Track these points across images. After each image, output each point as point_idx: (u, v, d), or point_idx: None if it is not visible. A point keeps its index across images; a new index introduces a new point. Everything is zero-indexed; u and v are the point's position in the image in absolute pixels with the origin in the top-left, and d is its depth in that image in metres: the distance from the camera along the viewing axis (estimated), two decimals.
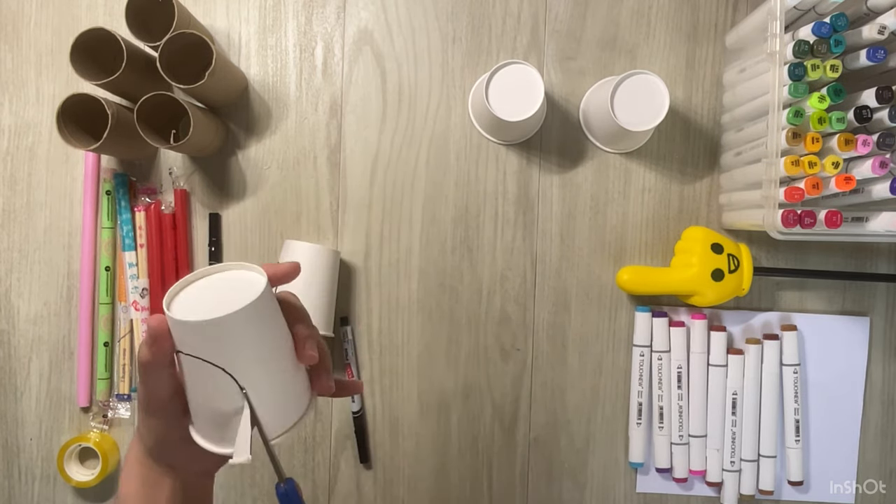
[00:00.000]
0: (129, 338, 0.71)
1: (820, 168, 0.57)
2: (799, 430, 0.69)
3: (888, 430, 0.72)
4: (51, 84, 0.71)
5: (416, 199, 0.71)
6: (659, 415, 0.70)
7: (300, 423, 0.42)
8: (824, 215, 0.58)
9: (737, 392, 0.69)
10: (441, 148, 0.71)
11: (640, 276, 0.68)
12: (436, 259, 0.71)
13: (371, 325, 0.72)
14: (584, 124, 0.71)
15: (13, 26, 0.71)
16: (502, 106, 0.63)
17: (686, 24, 0.71)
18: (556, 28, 0.71)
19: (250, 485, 0.71)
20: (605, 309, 0.71)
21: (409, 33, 0.71)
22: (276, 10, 0.72)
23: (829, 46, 0.56)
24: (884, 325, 0.71)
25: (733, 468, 0.69)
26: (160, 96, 0.62)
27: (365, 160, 0.71)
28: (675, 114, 0.71)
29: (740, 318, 0.71)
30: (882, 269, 0.71)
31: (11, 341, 0.72)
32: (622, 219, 0.71)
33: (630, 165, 0.71)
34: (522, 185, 0.71)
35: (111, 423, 0.72)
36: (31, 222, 0.72)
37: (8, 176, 0.72)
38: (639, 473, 0.72)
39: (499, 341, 0.71)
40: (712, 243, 0.66)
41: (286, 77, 0.72)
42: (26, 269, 0.72)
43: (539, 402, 0.71)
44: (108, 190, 0.70)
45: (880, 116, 0.57)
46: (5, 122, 0.71)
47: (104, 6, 0.71)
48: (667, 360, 0.70)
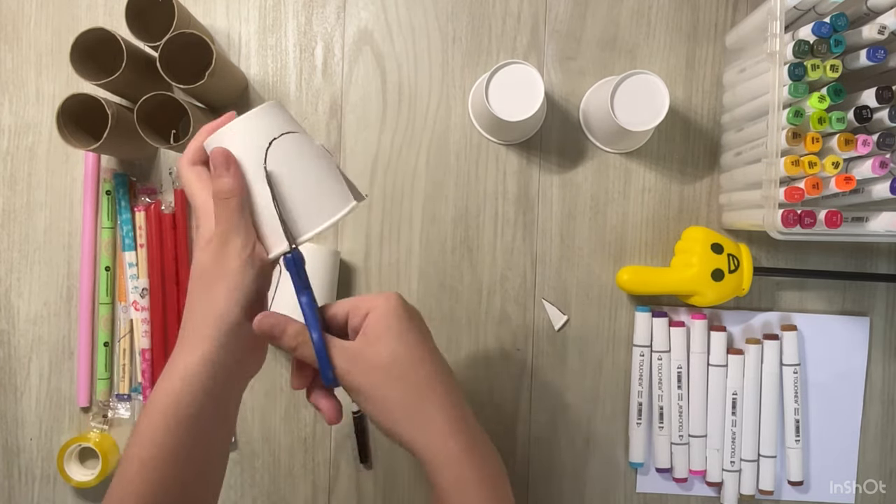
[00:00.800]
0: (129, 338, 0.71)
1: (820, 168, 0.57)
2: (799, 430, 0.69)
3: (888, 430, 0.72)
4: (51, 84, 0.71)
5: (416, 199, 0.71)
6: (659, 415, 0.70)
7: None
8: (824, 215, 0.58)
9: (737, 392, 0.69)
10: (441, 148, 0.71)
11: (640, 276, 0.68)
12: (436, 259, 0.71)
13: None
14: (584, 124, 0.71)
15: (13, 26, 0.72)
16: (502, 106, 0.63)
17: (686, 24, 0.71)
18: (556, 28, 0.71)
19: (250, 485, 0.71)
20: (605, 309, 0.71)
21: (409, 33, 0.71)
22: (276, 10, 0.72)
23: (829, 46, 0.56)
24: (884, 325, 0.71)
25: (733, 468, 0.69)
26: (160, 96, 0.62)
27: (365, 160, 0.71)
28: (675, 114, 0.71)
29: (740, 318, 0.71)
30: (882, 269, 0.71)
31: (11, 341, 0.72)
32: (622, 219, 0.71)
33: (630, 165, 0.71)
34: (522, 185, 0.71)
35: (111, 423, 0.72)
36: (31, 222, 0.72)
37: (8, 176, 0.72)
38: (639, 473, 0.72)
39: (499, 341, 0.71)
40: (712, 243, 0.66)
41: (286, 77, 0.72)
42: (26, 269, 0.72)
43: (539, 402, 0.71)
44: (108, 190, 0.70)
45: (880, 116, 0.57)
46: (5, 122, 0.71)
47: (104, 6, 0.71)
48: (667, 360, 0.70)
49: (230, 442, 0.46)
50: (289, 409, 0.71)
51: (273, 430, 0.71)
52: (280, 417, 0.71)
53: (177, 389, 0.42)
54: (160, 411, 0.42)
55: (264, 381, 0.71)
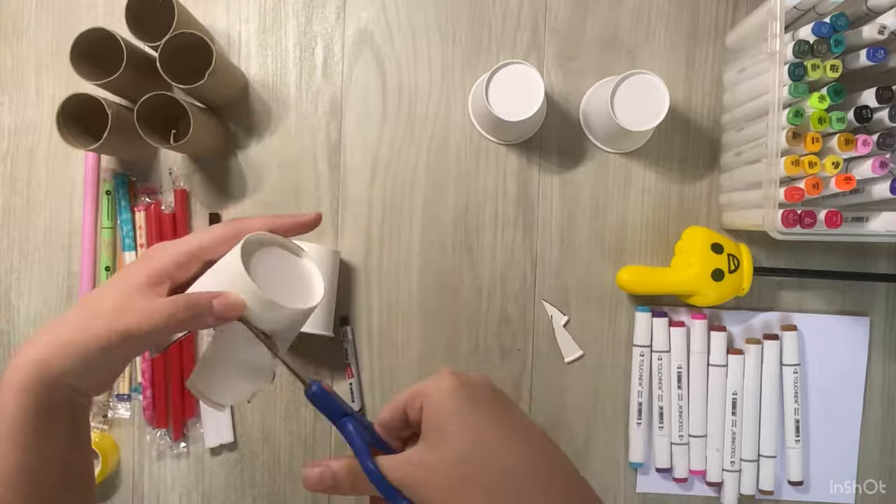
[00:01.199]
0: None
1: (820, 168, 0.57)
2: (799, 430, 0.69)
3: (888, 430, 0.72)
4: (51, 84, 0.71)
5: (416, 199, 0.71)
6: (659, 415, 0.70)
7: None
8: (824, 215, 0.58)
9: (737, 392, 0.69)
10: (441, 148, 0.71)
11: (640, 276, 0.68)
12: (436, 259, 0.71)
13: (371, 325, 0.72)
14: (584, 124, 0.71)
15: (13, 26, 0.71)
16: (502, 106, 0.63)
17: (686, 24, 0.71)
18: (556, 28, 0.71)
19: (250, 485, 0.71)
20: (605, 309, 0.71)
21: (409, 33, 0.71)
22: (276, 10, 0.72)
23: (829, 46, 0.56)
24: (884, 325, 0.71)
25: (733, 468, 0.69)
26: (160, 96, 0.62)
27: (365, 160, 0.71)
28: (675, 114, 0.71)
29: (740, 318, 0.71)
30: (882, 269, 0.71)
31: (11, 341, 0.72)
32: (622, 219, 0.71)
33: (630, 165, 0.71)
34: (522, 185, 0.71)
35: (111, 423, 0.72)
36: (31, 222, 0.72)
37: (8, 176, 0.72)
38: (639, 473, 0.72)
39: (499, 341, 0.71)
40: (712, 243, 0.66)
41: (286, 77, 0.72)
42: (26, 269, 0.72)
43: (539, 402, 0.71)
44: (108, 190, 0.70)
45: (880, 116, 0.57)
46: (5, 122, 0.71)
47: (104, 6, 0.71)
48: (667, 360, 0.70)
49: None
50: (289, 408, 0.71)
51: (273, 430, 0.71)
52: (280, 417, 0.71)
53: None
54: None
55: None
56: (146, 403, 0.70)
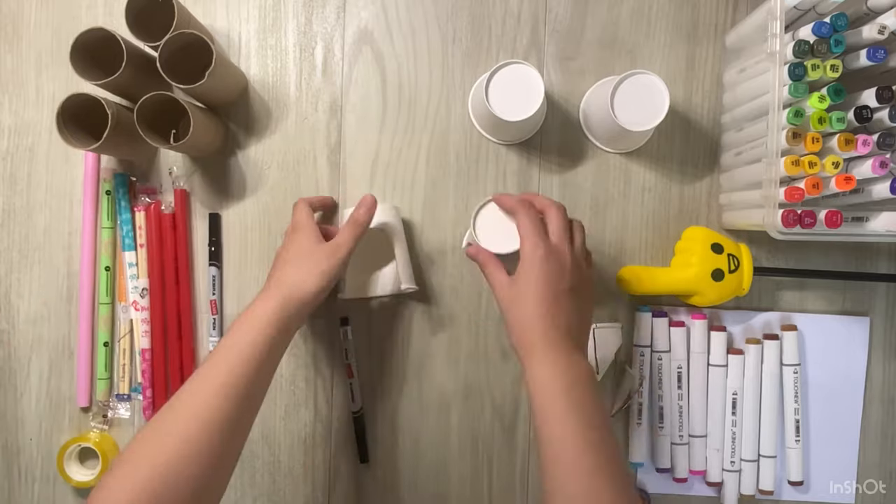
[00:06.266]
0: (129, 338, 0.71)
1: (820, 168, 0.57)
2: (799, 430, 0.69)
3: (888, 430, 0.72)
4: (51, 84, 0.71)
5: (416, 199, 0.71)
6: (659, 415, 0.70)
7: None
8: (824, 215, 0.58)
9: (737, 392, 0.69)
10: (441, 148, 0.71)
11: (640, 276, 0.68)
12: (436, 259, 0.71)
13: (371, 325, 0.72)
14: (584, 124, 0.71)
15: (13, 26, 0.72)
16: (502, 106, 0.63)
17: (686, 24, 0.71)
18: (556, 28, 0.71)
19: (250, 485, 0.71)
20: (605, 309, 0.71)
21: (409, 33, 0.71)
22: (276, 10, 0.72)
23: (829, 46, 0.56)
24: (884, 325, 0.71)
25: (733, 468, 0.69)
26: (160, 96, 0.62)
27: (365, 160, 0.71)
28: (675, 114, 0.71)
29: (740, 318, 0.71)
30: (882, 269, 0.71)
31: (11, 341, 0.72)
32: (622, 219, 0.71)
33: (630, 165, 0.71)
34: (522, 185, 0.71)
35: (111, 423, 0.72)
36: (31, 222, 0.72)
37: (8, 176, 0.72)
38: (639, 473, 0.72)
39: (499, 341, 0.71)
40: (712, 243, 0.66)
41: (286, 77, 0.72)
42: (26, 269, 0.72)
43: None
44: (108, 190, 0.70)
45: (880, 116, 0.57)
46: (5, 122, 0.71)
47: (104, 6, 0.71)
48: (667, 360, 0.70)
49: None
50: (289, 408, 0.71)
51: (273, 430, 0.71)
52: (280, 417, 0.72)
53: (257, 329, 0.55)
54: (249, 343, 0.54)
55: None
56: (146, 403, 0.70)
